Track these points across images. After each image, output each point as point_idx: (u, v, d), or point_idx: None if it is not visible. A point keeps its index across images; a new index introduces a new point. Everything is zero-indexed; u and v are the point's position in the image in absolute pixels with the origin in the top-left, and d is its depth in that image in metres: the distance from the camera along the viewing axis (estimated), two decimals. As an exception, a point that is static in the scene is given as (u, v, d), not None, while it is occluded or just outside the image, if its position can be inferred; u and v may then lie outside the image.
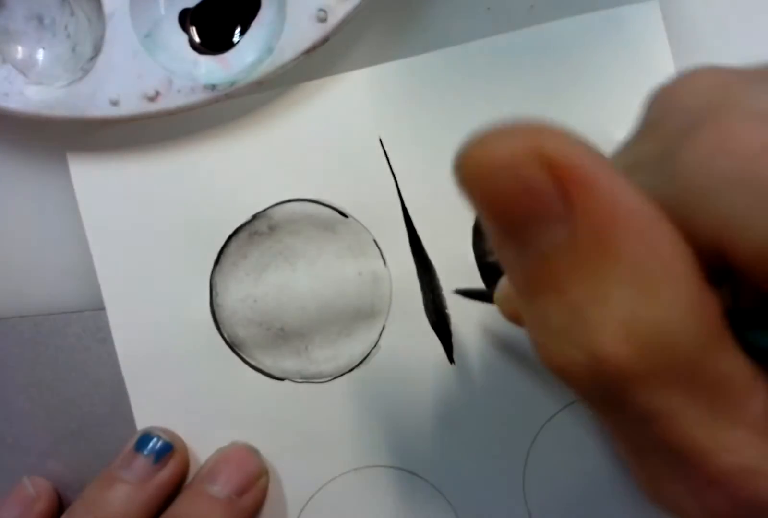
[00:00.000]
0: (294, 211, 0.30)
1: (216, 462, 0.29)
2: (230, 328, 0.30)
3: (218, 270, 0.30)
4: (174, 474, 0.29)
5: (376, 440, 0.30)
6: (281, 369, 0.30)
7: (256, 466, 0.29)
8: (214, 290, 0.30)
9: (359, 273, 0.30)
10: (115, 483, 0.28)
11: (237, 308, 0.30)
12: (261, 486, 0.29)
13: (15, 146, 0.32)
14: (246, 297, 0.30)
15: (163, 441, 0.29)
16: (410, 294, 0.30)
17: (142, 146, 0.30)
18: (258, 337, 0.30)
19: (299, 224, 0.30)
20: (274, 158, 0.30)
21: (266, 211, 0.30)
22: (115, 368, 0.31)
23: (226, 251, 0.30)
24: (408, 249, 0.30)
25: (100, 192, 0.31)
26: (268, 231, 0.30)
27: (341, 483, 0.30)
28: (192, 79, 0.28)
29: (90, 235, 0.31)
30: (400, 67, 0.30)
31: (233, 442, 0.30)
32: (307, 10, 0.27)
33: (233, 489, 0.28)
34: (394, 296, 0.30)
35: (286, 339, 0.30)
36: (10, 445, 0.31)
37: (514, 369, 0.30)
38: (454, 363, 0.30)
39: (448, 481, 0.30)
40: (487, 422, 0.30)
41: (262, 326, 0.30)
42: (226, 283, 0.30)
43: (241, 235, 0.30)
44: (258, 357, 0.30)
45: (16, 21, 0.29)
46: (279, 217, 0.30)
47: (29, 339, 0.31)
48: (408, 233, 0.30)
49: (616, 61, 0.29)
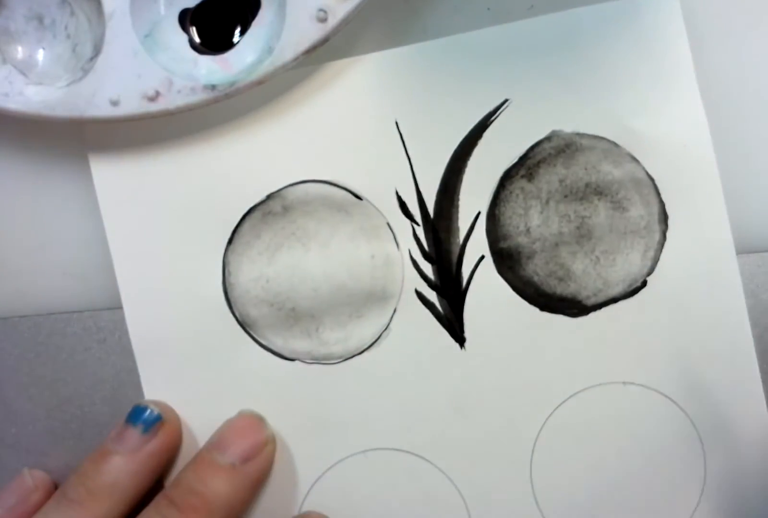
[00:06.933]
0: (308, 192, 0.30)
1: (222, 431, 0.30)
2: (242, 307, 0.30)
3: (231, 250, 0.30)
4: (164, 443, 0.29)
5: (384, 423, 0.30)
6: (291, 350, 0.30)
7: (262, 434, 0.29)
8: (226, 269, 0.30)
9: (372, 256, 0.30)
10: (107, 455, 0.28)
11: (249, 287, 0.30)
12: (267, 453, 0.29)
13: (14, 146, 0.32)
14: (258, 277, 0.30)
15: (153, 412, 0.29)
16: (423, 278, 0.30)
17: (155, 133, 0.30)
18: (269, 317, 0.30)
19: (313, 205, 0.30)
20: (289, 139, 0.30)
21: (280, 191, 0.30)
22: (114, 368, 0.31)
23: (239, 230, 0.30)
24: (422, 232, 0.30)
25: (116, 171, 0.31)
26: (282, 211, 0.30)
27: (349, 465, 0.30)
28: (192, 79, 0.28)
29: (104, 211, 0.31)
30: (416, 50, 0.30)
31: (241, 411, 0.30)
32: (307, 10, 0.27)
33: (238, 456, 0.28)
34: (406, 280, 0.30)
35: (297, 319, 0.30)
36: (10, 445, 0.32)
37: (524, 357, 0.30)
38: (465, 349, 0.30)
39: (456, 466, 0.30)
40: (496, 408, 0.30)
41: (273, 306, 0.30)
42: (239, 263, 0.30)
43: (255, 214, 0.30)
44: (269, 337, 0.30)
45: (16, 21, 0.29)
46: (293, 198, 0.30)
47: (29, 339, 0.32)
48: (422, 217, 0.30)
49: (633, 51, 0.29)
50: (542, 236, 0.30)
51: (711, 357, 0.29)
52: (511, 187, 0.30)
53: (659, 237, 0.29)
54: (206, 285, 0.30)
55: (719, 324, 0.29)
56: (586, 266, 0.30)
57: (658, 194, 0.29)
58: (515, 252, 0.30)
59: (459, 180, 0.30)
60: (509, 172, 0.30)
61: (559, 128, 0.30)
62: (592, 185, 0.30)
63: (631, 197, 0.29)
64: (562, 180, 0.30)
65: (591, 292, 0.30)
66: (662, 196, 0.29)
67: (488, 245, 0.30)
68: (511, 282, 0.30)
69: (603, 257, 0.30)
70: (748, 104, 0.30)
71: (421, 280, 0.30)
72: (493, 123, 0.30)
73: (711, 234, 0.29)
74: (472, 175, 0.30)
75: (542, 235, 0.30)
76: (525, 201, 0.30)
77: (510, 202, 0.30)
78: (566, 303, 0.30)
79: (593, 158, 0.30)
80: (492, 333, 0.30)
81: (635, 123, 0.29)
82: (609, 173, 0.29)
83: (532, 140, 0.30)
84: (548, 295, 0.30)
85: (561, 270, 0.30)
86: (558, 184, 0.30)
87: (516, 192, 0.30)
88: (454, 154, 0.30)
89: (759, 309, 0.30)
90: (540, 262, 0.30)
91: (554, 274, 0.30)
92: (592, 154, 0.29)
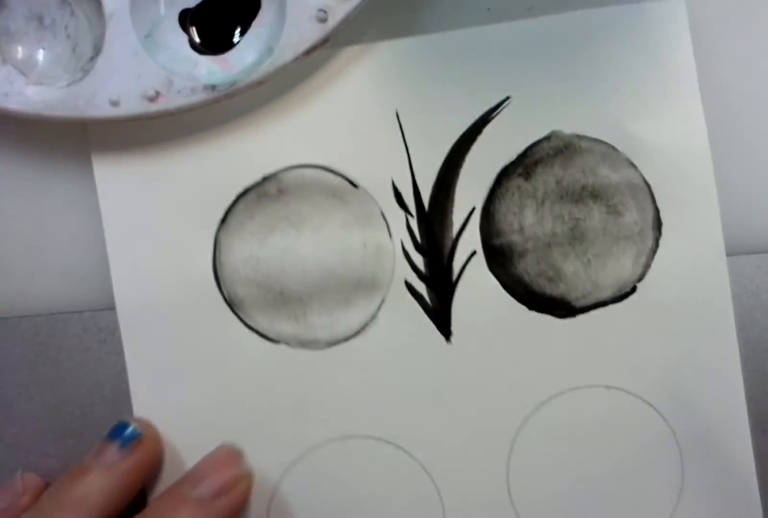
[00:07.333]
0: (304, 176, 0.30)
1: (198, 465, 0.29)
2: (230, 287, 0.30)
3: (224, 229, 0.30)
4: (140, 460, 0.29)
5: (364, 412, 0.30)
6: (277, 333, 0.30)
7: (237, 469, 0.29)
8: (218, 247, 0.30)
9: (364, 245, 0.30)
10: (83, 470, 0.28)
11: (239, 267, 0.30)
12: (240, 490, 0.29)
13: (14, 146, 0.32)
14: (249, 258, 0.30)
15: (133, 428, 0.29)
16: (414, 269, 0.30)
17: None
18: (257, 298, 0.30)
19: (308, 190, 0.30)
20: (289, 123, 0.30)
21: (277, 174, 0.30)
22: (114, 368, 0.31)
23: (233, 210, 0.30)
24: (415, 224, 0.30)
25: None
26: (277, 194, 0.30)
27: (326, 450, 0.30)
28: (192, 79, 0.28)
29: (100, 185, 0.31)
30: (422, 42, 0.30)
31: (220, 445, 0.30)
32: (307, 11, 0.27)
33: (208, 491, 0.28)
34: (396, 270, 0.30)
35: (285, 302, 0.30)
36: (9, 445, 0.31)
37: (509, 354, 0.30)
38: (451, 343, 0.30)
39: (433, 458, 0.30)
40: (478, 403, 0.30)
41: (261, 287, 0.30)
42: (230, 242, 0.30)
43: (249, 195, 0.30)
44: (255, 318, 0.30)
45: (16, 21, 0.29)
46: (289, 181, 0.30)
47: (29, 340, 0.32)
48: (416, 208, 0.30)
49: (638, 57, 0.29)
50: (535, 235, 0.30)
51: (695, 366, 0.29)
52: (508, 185, 0.30)
53: (652, 244, 0.29)
54: (196, 263, 0.30)
55: (705, 334, 0.29)
56: (577, 268, 0.30)
57: (654, 201, 0.29)
58: (507, 249, 0.30)
59: (456, 174, 0.30)
60: (507, 169, 0.30)
61: (559, 129, 0.30)
62: (588, 188, 0.30)
63: (627, 202, 0.30)
64: (559, 181, 0.30)
65: (580, 294, 0.30)
66: (657, 203, 0.29)
67: (481, 241, 0.30)
68: (501, 279, 0.30)
69: (594, 260, 0.30)
70: (750, 114, 0.30)
71: (412, 271, 0.30)
72: (493, 119, 0.30)
73: (703, 244, 0.29)
74: (469, 169, 0.30)
75: (535, 235, 0.30)
76: (521, 199, 0.30)
77: (505, 200, 0.30)
78: (555, 304, 0.30)
79: (591, 161, 0.30)
80: (479, 328, 0.30)
81: (635, 128, 0.29)
82: (606, 177, 0.30)
83: (532, 139, 0.30)
84: (537, 295, 0.30)
85: (551, 271, 0.30)
86: (554, 184, 0.30)
87: (512, 190, 0.30)
88: (453, 147, 0.30)
89: (760, 310, 0.30)
90: (531, 261, 0.30)
91: (544, 274, 0.30)
92: (591, 156, 0.30)
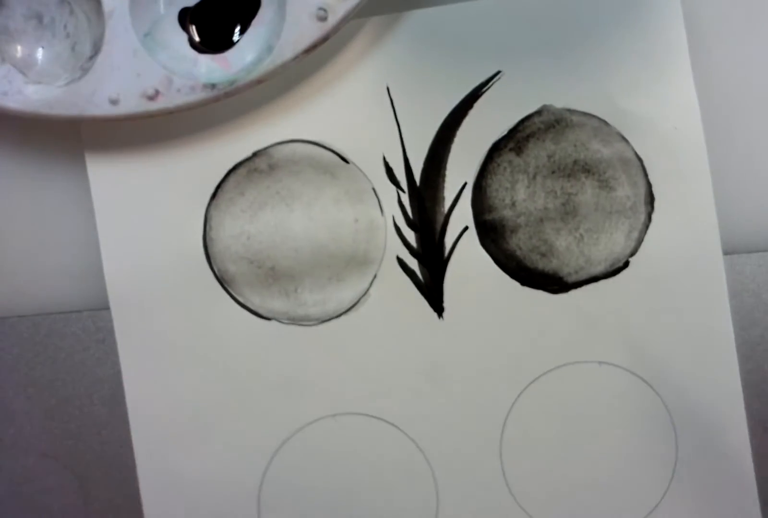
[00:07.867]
0: (295, 151, 0.30)
1: None
2: (221, 263, 0.30)
3: (214, 205, 0.30)
4: None
5: (356, 388, 0.30)
6: (269, 309, 0.30)
7: None
8: (208, 224, 0.30)
9: (355, 220, 0.30)
10: None
11: (230, 243, 0.30)
12: None
13: (13, 145, 0.32)
14: (240, 234, 0.30)
15: None
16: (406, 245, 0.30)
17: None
18: (248, 275, 0.30)
19: (300, 165, 0.30)
20: (278, 98, 0.30)
21: (267, 149, 0.30)
22: (114, 368, 0.31)
23: (223, 186, 0.30)
24: (407, 199, 0.30)
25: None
26: (268, 169, 0.30)
27: (318, 427, 0.30)
28: (192, 78, 0.28)
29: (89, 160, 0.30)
30: (413, 17, 0.30)
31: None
32: (307, 9, 0.27)
33: None
34: (388, 246, 0.30)
35: (276, 279, 0.30)
36: (9, 445, 0.31)
37: (501, 330, 0.30)
38: (443, 319, 0.30)
39: (426, 435, 0.30)
40: (470, 380, 0.30)
41: (253, 264, 0.30)
42: (221, 218, 0.30)
43: (240, 171, 0.30)
44: (246, 294, 0.30)
45: (15, 20, 0.29)
46: (280, 156, 0.30)
47: (28, 339, 0.32)
48: (408, 184, 0.30)
49: (629, 31, 0.29)
50: (527, 210, 0.30)
51: (689, 341, 0.29)
52: (499, 160, 0.30)
53: (644, 218, 0.29)
54: (186, 239, 0.30)
55: (699, 307, 0.29)
56: (570, 243, 0.30)
57: (646, 175, 0.29)
58: (499, 225, 0.30)
59: (447, 149, 0.30)
60: (498, 144, 0.30)
61: (550, 103, 0.30)
62: (580, 162, 0.30)
63: (619, 177, 0.29)
64: (551, 155, 0.30)
65: (572, 269, 0.30)
66: (650, 178, 0.29)
67: (473, 216, 0.30)
68: (494, 254, 0.30)
69: (587, 235, 0.30)
70: (741, 91, 0.30)
71: (404, 248, 0.30)
72: (484, 94, 0.30)
73: (696, 217, 0.29)
74: (460, 145, 0.30)
75: (527, 210, 0.30)
76: (512, 174, 0.30)
77: (497, 175, 0.30)
78: (547, 279, 0.30)
79: (583, 135, 0.30)
80: (471, 304, 0.30)
81: (627, 102, 0.29)
82: (598, 151, 0.29)
83: (523, 113, 0.30)
84: (530, 270, 0.30)
85: (544, 246, 0.30)
86: (546, 159, 0.30)
87: (504, 165, 0.30)
88: (444, 122, 0.30)
89: (760, 309, 0.30)
90: (523, 237, 0.30)
91: (537, 249, 0.30)
92: (582, 131, 0.30)
